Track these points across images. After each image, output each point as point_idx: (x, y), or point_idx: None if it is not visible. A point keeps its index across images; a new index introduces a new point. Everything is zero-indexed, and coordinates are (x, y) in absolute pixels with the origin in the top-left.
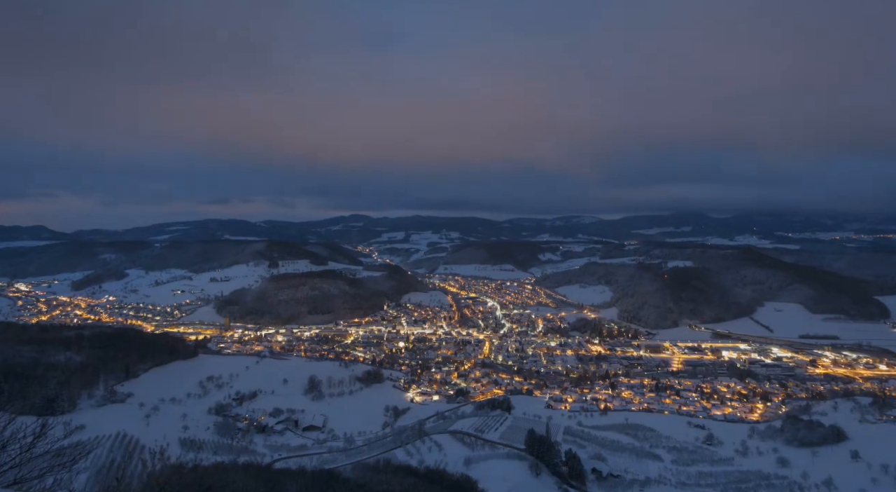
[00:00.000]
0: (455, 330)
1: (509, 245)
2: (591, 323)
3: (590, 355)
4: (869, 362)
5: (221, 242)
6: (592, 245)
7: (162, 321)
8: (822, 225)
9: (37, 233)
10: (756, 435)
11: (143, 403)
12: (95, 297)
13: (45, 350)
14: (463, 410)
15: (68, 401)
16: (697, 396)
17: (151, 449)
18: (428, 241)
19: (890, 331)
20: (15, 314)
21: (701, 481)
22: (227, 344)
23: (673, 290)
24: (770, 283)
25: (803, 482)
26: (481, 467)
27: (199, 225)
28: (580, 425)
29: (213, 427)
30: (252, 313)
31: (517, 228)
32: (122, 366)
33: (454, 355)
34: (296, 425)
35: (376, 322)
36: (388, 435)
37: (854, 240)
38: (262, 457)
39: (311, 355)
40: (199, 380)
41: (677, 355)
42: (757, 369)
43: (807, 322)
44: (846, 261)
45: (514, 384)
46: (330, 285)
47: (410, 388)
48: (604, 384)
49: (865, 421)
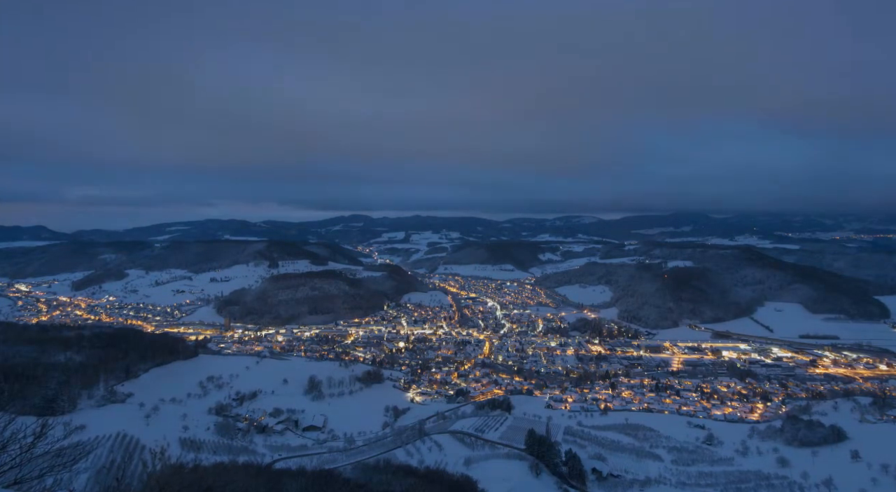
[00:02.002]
0: (455, 330)
1: (509, 245)
2: (591, 323)
3: (590, 355)
4: (869, 362)
5: (221, 243)
6: (592, 245)
7: (162, 321)
8: (822, 225)
9: (37, 233)
10: (756, 435)
11: (143, 403)
12: (95, 297)
13: (45, 350)
14: (463, 410)
15: (68, 401)
16: (697, 396)
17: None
18: (428, 241)
19: (890, 331)
20: (15, 314)
21: (701, 481)
22: (227, 344)
23: (673, 290)
24: (770, 283)
25: (803, 482)
26: (481, 467)
27: (199, 225)
28: (580, 425)
29: (213, 427)
30: (252, 313)
31: (517, 228)
32: (122, 366)
33: (454, 355)
34: (296, 425)
35: (376, 322)
36: (388, 435)
37: (854, 240)
38: (263, 457)
39: (311, 355)
40: (200, 380)
41: (677, 355)
42: (757, 369)
43: (807, 322)
44: (846, 261)
45: (514, 384)
46: (330, 285)
47: (410, 388)
48: (604, 384)
49: (865, 421)
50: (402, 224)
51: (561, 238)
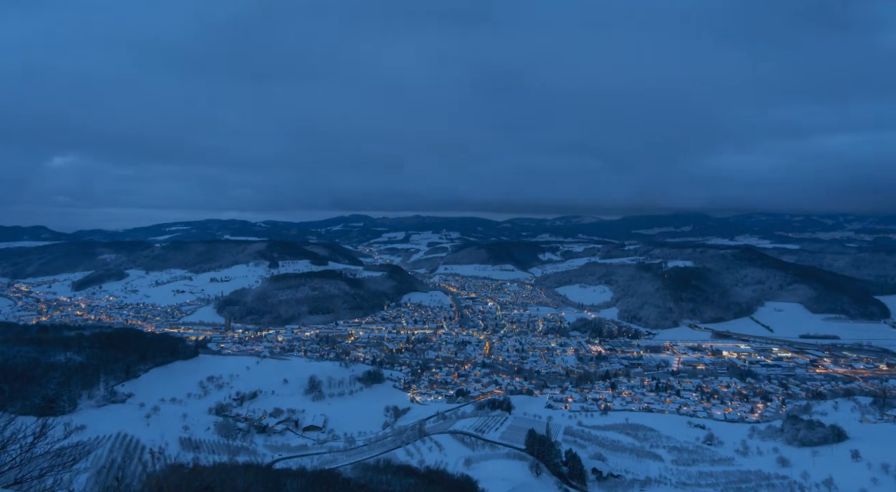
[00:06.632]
0: (455, 330)
1: (509, 245)
2: (591, 323)
3: (590, 355)
4: (869, 362)
5: (221, 243)
6: (592, 245)
7: (162, 321)
8: (822, 225)
9: (37, 233)
10: (756, 435)
11: (144, 403)
12: (95, 297)
13: (45, 350)
14: (463, 410)
15: (68, 401)
16: (698, 396)
17: (151, 449)
18: (428, 241)
19: (890, 331)
20: (15, 314)
21: (701, 481)
22: (227, 344)
23: (673, 290)
24: (770, 283)
25: (804, 482)
26: (482, 467)
27: (200, 225)
28: (580, 425)
29: (213, 427)
30: (252, 313)
31: (517, 228)
32: (122, 366)
33: (454, 356)
34: (296, 425)
35: (376, 322)
36: (388, 435)
37: (854, 240)
38: (263, 457)
39: (311, 355)
40: (200, 380)
41: (677, 355)
42: (757, 369)
43: (807, 322)
44: (846, 261)
45: (515, 384)
46: (330, 285)
47: (411, 388)
48: (604, 384)
49: (866, 421)
50: (402, 224)
51: (561, 238)
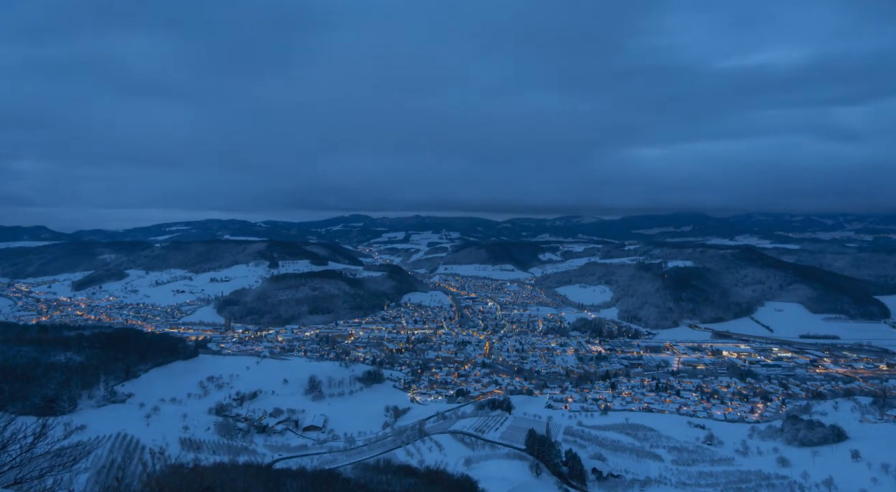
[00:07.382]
0: (455, 330)
1: (509, 245)
2: (591, 323)
3: (590, 355)
4: (869, 362)
5: (222, 243)
6: (592, 245)
7: (162, 321)
8: (822, 225)
9: (37, 233)
10: (756, 435)
11: (144, 403)
12: (95, 297)
13: (45, 350)
14: (463, 410)
15: (68, 401)
16: (698, 396)
17: (151, 449)
18: (428, 241)
19: (890, 331)
20: (15, 314)
21: (701, 481)
22: (227, 344)
23: (673, 290)
24: (770, 283)
25: (804, 482)
26: (482, 467)
27: (200, 225)
28: (580, 425)
29: (213, 427)
30: (252, 313)
31: (517, 228)
32: (122, 366)
33: (454, 356)
34: (296, 425)
35: (376, 322)
36: (388, 435)
37: (854, 240)
38: (263, 457)
39: (311, 355)
40: (200, 380)
41: (677, 355)
42: (757, 369)
43: (807, 322)
44: (846, 261)
45: (515, 384)
46: (330, 285)
47: (411, 388)
48: (604, 384)
49: (866, 421)
50: (402, 224)
51: (561, 238)
